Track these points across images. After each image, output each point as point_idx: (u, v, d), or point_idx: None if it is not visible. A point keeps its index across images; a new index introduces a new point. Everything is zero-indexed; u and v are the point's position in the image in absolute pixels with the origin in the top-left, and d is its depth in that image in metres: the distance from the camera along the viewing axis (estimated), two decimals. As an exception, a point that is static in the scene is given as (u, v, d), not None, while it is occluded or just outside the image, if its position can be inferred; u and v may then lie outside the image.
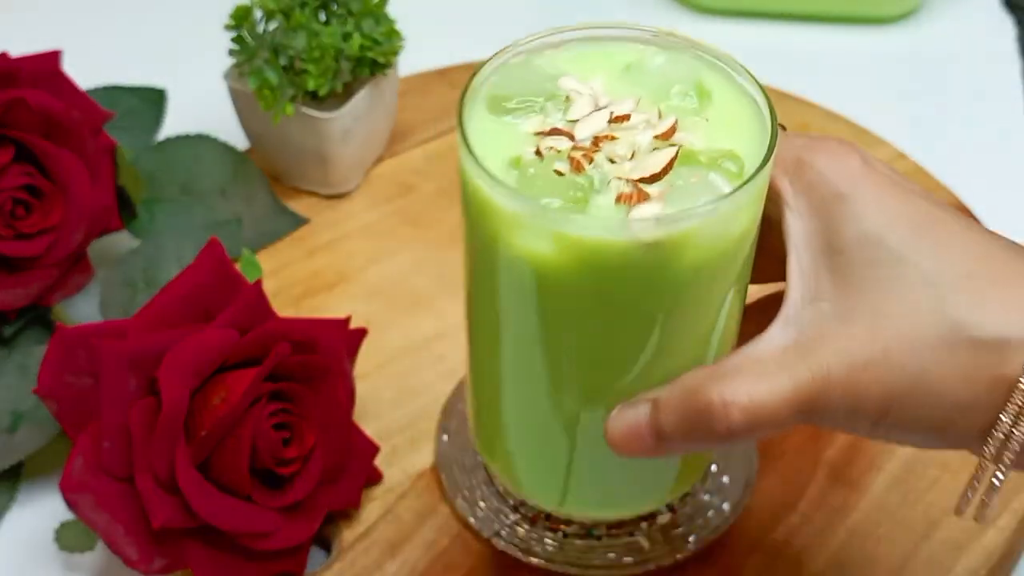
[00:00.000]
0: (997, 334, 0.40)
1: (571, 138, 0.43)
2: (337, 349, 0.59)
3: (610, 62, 0.46)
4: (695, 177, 0.42)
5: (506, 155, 0.43)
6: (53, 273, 0.67)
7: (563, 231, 0.41)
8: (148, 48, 0.91)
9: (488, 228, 0.43)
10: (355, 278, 0.72)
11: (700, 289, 0.44)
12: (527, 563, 0.58)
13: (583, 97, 0.44)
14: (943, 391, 0.40)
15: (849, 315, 0.42)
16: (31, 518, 0.62)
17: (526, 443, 0.54)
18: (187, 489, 0.54)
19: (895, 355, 0.41)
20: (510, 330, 0.47)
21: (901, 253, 0.41)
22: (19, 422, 0.63)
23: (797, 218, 0.44)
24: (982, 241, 0.42)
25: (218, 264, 0.58)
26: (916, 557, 0.58)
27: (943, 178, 0.77)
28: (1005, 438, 0.40)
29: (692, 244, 0.41)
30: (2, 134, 0.65)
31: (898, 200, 0.43)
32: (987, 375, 0.40)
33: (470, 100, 0.44)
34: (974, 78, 0.89)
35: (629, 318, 0.44)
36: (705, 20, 0.93)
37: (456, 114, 0.43)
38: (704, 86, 0.46)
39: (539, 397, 0.49)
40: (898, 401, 0.41)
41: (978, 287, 0.41)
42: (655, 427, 0.44)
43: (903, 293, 0.41)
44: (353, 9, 0.72)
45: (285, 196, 0.76)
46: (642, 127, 0.43)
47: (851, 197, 0.43)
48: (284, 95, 0.71)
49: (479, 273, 0.46)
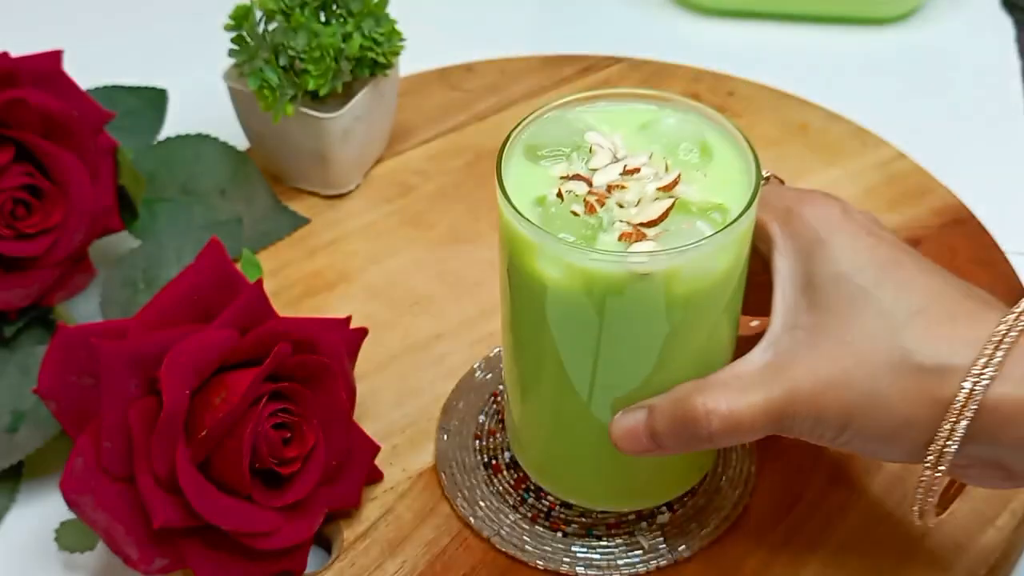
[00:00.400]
0: (938, 361, 0.47)
1: (589, 184, 0.51)
2: (337, 349, 0.59)
3: (630, 119, 0.54)
4: (686, 224, 0.49)
5: (534, 194, 0.51)
6: (54, 273, 0.67)
7: (572, 261, 0.49)
8: (148, 48, 0.91)
9: (515, 253, 0.51)
10: (355, 278, 0.72)
11: (691, 315, 0.51)
12: (527, 563, 0.58)
13: (603, 150, 0.52)
14: (892, 408, 0.47)
15: (817, 341, 0.49)
16: (31, 518, 0.62)
17: (556, 445, 0.58)
18: (187, 489, 0.54)
19: (853, 376, 0.48)
20: (533, 343, 0.54)
21: (866, 290, 0.49)
22: (19, 422, 0.63)
23: (783, 259, 0.51)
24: (937, 282, 0.49)
25: (218, 264, 0.58)
26: (916, 557, 0.58)
27: (943, 178, 0.77)
28: (941, 450, 0.47)
29: (680, 278, 0.49)
30: (3, 134, 0.65)
31: (868, 245, 0.50)
32: (929, 396, 0.47)
33: (510, 146, 0.53)
34: (974, 78, 0.89)
35: (629, 337, 0.51)
36: (705, 20, 0.93)
37: (496, 158, 0.52)
38: (708, 144, 0.53)
39: (562, 404, 0.55)
40: (855, 416, 0.48)
41: (928, 321, 0.47)
42: (650, 429, 0.51)
43: (864, 323, 0.48)
44: (353, 9, 0.72)
45: (285, 196, 0.76)
46: (650, 179, 0.51)
47: (828, 242, 0.50)
48: (284, 95, 0.71)
49: (509, 290, 0.54)
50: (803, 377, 0.48)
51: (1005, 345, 0.46)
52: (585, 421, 0.55)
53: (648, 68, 0.85)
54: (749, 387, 0.49)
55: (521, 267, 0.51)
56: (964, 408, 0.46)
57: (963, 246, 0.73)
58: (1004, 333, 0.47)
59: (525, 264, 0.51)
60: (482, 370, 0.66)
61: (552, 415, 0.57)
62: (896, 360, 0.47)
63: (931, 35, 0.92)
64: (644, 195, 0.50)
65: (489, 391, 0.65)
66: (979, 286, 0.70)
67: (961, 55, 0.90)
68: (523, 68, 0.85)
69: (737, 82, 0.84)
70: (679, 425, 0.50)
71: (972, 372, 0.46)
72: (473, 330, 0.69)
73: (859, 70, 0.89)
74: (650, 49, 0.87)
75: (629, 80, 0.84)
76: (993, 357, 0.46)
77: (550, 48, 0.88)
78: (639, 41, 0.91)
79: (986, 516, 0.59)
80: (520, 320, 0.54)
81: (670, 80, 0.84)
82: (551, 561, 0.58)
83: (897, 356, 0.47)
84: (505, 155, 0.52)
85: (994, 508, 0.59)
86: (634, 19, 0.94)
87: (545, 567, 0.58)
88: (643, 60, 0.86)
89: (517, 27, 0.95)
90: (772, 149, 0.79)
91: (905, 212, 0.75)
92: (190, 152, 0.74)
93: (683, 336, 0.51)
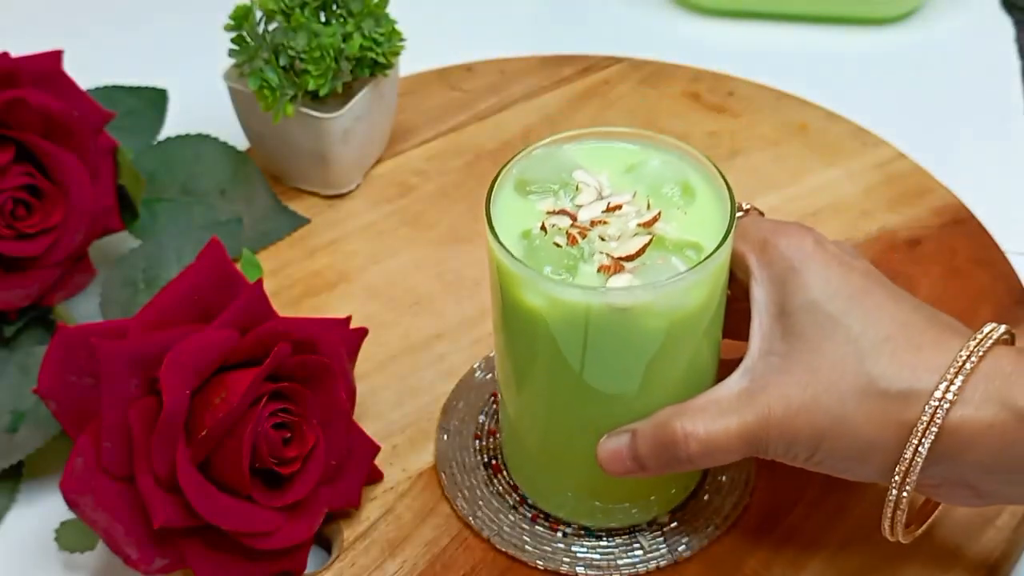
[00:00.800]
0: (902, 387, 0.49)
1: (573, 219, 0.53)
2: (337, 349, 0.59)
3: (616, 159, 0.57)
4: (661, 259, 0.52)
5: (521, 227, 0.54)
6: (54, 273, 0.67)
7: (553, 293, 0.51)
8: (148, 48, 0.92)
9: (502, 282, 0.54)
10: (355, 278, 0.72)
11: (668, 344, 0.53)
12: (527, 563, 0.58)
13: (589, 188, 0.55)
14: (859, 431, 0.50)
15: (790, 367, 0.51)
16: (31, 518, 0.62)
17: (544, 463, 0.59)
18: (187, 489, 0.54)
19: (822, 401, 0.50)
20: (520, 365, 0.56)
21: (835, 318, 0.51)
22: (19, 422, 0.63)
23: (760, 287, 0.53)
24: (905, 311, 0.51)
25: (218, 264, 0.58)
26: (916, 557, 0.58)
27: (942, 178, 0.77)
28: (906, 471, 0.49)
29: (654, 311, 0.51)
30: (3, 134, 0.65)
31: (839, 274, 0.52)
32: (894, 420, 0.49)
33: (501, 180, 0.55)
34: (974, 78, 0.89)
35: (610, 364, 0.53)
36: (705, 20, 0.93)
37: (487, 191, 0.54)
38: (690, 185, 0.55)
39: (550, 425, 0.57)
40: (825, 439, 0.50)
41: (894, 348, 0.50)
42: (633, 452, 0.54)
43: (833, 350, 0.51)
44: (353, 9, 0.72)
45: (285, 196, 0.76)
46: (632, 216, 0.53)
47: (801, 271, 0.52)
48: (284, 95, 0.71)
49: (500, 316, 0.56)
50: (775, 403, 0.51)
51: (965, 371, 0.49)
52: (571, 441, 0.57)
53: (648, 68, 0.85)
54: (726, 412, 0.52)
55: (506, 294, 0.53)
56: (926, 431, 0.49)
57: (963, 246, 0.73)
58: (965, 359, 0.49)
59: (510, 291, 0.53)
60: (482, 370, 0.66)
61: (540, 434, 0.58)
62: (862, 385, 0.50)
63: (931, 35, 0.92)
64: (624, 230, 0.53)
65: (489, 391, 0.65)
66: (979, 286, 0.70)
67: (961, 55, 0.90)
68: (523, 68, 0.85)
69: (737, 82, 0.84)
70: (660, 448, 0.53)
71: (934, 397, 0.49)
72: (473, 330, 0.69)
73: (859, 70, 0.89)
74: (650, 49, 0.87)
75: (629, 80, 0.84)
76: (953, 383, 0.49)
77: (550, 48, 0.88)
78: (639, 41, 0.91)
79: (986, 516, 0.59)
80: (510, 345, 0.56)
81: (670, 80, 0.84)
82: (551, 561, 0.58)
83: (863, 382, 0.50)
84: (496, 188, 0.54)
85: (994, 508, 0.59)
86: (634, 19, 0.94)
87: (545, 567, 0.58)
88: (643, 60, 0.86)
89: (517, 27, 0.95)
90: (772, 149, 0.80)
91: (905, 212, 0.75)
92: (190, 152, 0.74)
93: (661, 363, 0.53)
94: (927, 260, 0.72)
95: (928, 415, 0.49)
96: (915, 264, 0.72)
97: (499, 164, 0.56)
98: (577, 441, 0.56)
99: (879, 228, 0.74)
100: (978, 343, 0.50)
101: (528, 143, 0.57)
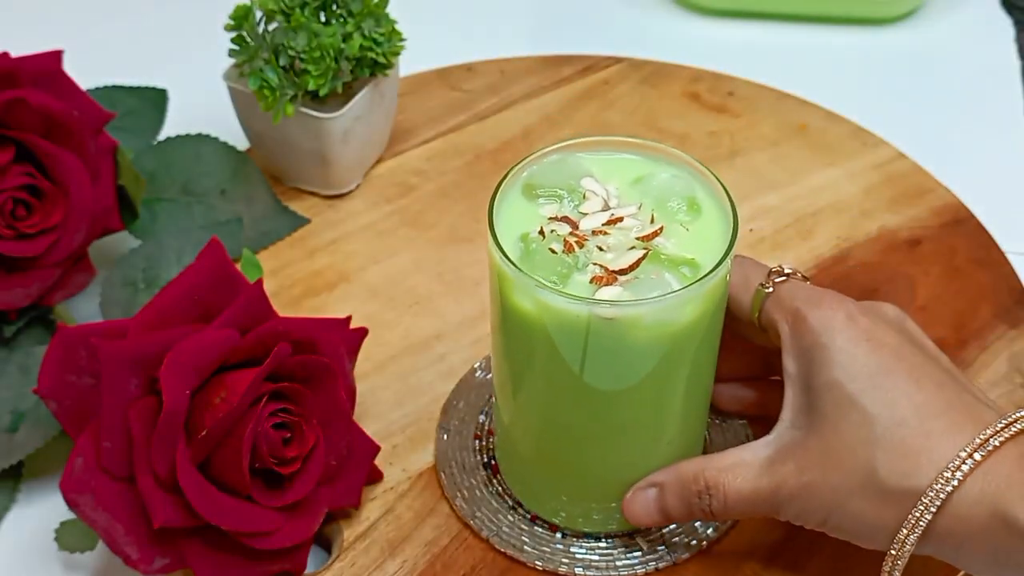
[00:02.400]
0: (901, 484, 0.51)
1: (574, 227, 0.54)
2: (337, 349, 0.59)
3: (627, 169, 0.57)
4: (655, 274, 0.52)
5: (521, 230, 0.54)
6: (54, 273, 0.67)
7: (543, 299, 0.51)
8: (148, 48, 0.91)
9: (498, 284, 0.54)
10: (355, 278, 0.72)
11: (659, 358, 0.53)
12: (526, 563, 0.58)
13: (596, 198, 0.55)
14: (861, 517, 0.52)
15: (808, 444, 0.53)
16: (31, 518, 0.62)
17: (539, 468, 0.59)
18: (187, 489, 0.54)
19: (829, 482, 0.52)
20: (514, 367, 0.57)
21: (854, 399, 0.52)
22: (19, 422, 0.63)
23: (791, 359, 0.55)
24: (926, 390, 0.52)
25: (218, 264, 0.58)
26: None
27: (943, 178, 0.77)
28: (899, 551, 0.52)
29: (642, 324, 0.51)
30: (3, 134, 0.65)
31: (865, 351, 0.53)
32: (891, 514, 0.51)
33: (509, 182, 0.55)
34: (974, 78, 0.89)
35: (600, 373, 0.54)
36: (705, 20, 0.93)
37: (492, 192, 0.54)
38: (696, 201, 0.55)
39: (546, 429, 0.57)
40: (831, 515, 0.53)
41: (904, 435, 0.51)
42: (661, 507, 0.56)
43: (846, 432, 0.52)
44: (353, 9, 0.72)
45: (285, 196, 0.76)
46: (633, 229, 0.53)
47: (828, 347, 0.53)
48: (284, 95, 0.71)
49: (496, 317, 0.56)
50: (790, 476, 0.53)
51: (963, 470, 0.50)
52: (565, 445, 0.57)
53: (648, 68, 0.85)
54: (749, 476, 0.54)
55: (501, 294, 0.54)
56: (913, 528, 0.51)
57: (963, 246, 0.73)
58: (967, 455, 0.50)
59: (505, 292, 0.53)
60: (482, 370, 0.66)
61: (535, 438, 0.58)
62: (867, 475, 0.51)
63: (931, 35, 0.92)
64: (623, 243, 0.53)
65: (489, 391, 0.65)
66: (979, 286, 0.70)
67: (961, 55, 0.90)
68: (523, 68, 0.85)
69: (737, 82, 0.84)
70: (687, 504, 0.56)
71: (926, 495, 0.50)
72: (473, 330, 0.69)
73: (859, 70, 0.89)
74: (650, 49, 0.87)
75: (629, 80, 0.84)
76: (950, 482, 0.50)
77: (550, 48, 0.88)
78: (639, 41, 0.91)
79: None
80: (506, 347, 0.56)
81: (670, 80, 0.84)
82: (550, 562, 0.58)
83: (868, 471, 0.51)
84: (504, 190, 0.55)
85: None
86: (634, 19, 0.94)
87: (544, 567, 0.58)
88: (643, 60, 0.86)
89: (517, 27, 0.95)
90: (772, 149, 0.80)
91: (905, 212, 0.75)
92: (190, 152, 0.74)
93: (653, 375, 0.54)
94: (927, 260, 0.72)
95: (916, 515, 0.51)
96: (915, 264, 0.72)
97: (499, 164, 0.56)
98: (571, 446, 0.57)
99: (879, 228, 0.74)
100: (993, 434, 0.50)
101: (528, 143, 0.57)
